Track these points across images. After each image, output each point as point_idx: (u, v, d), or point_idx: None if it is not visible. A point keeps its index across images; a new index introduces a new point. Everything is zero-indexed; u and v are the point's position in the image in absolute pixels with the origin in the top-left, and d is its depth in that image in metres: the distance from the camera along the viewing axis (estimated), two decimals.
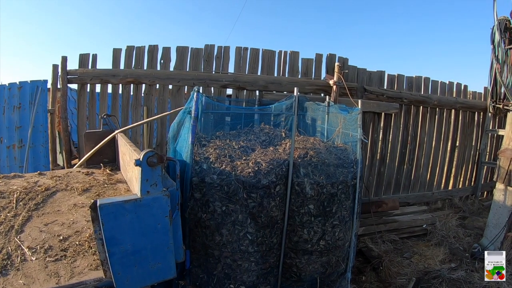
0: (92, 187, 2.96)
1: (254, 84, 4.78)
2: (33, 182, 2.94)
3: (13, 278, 1.65)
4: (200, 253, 2.78)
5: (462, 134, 6.35)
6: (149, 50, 4.59)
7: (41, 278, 1.67)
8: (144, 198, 1.66)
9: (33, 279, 1.66)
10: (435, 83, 5.91)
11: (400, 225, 4.86)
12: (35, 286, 1.61)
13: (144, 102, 4.68)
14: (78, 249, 1.95)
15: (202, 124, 3.95)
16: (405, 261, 4.03)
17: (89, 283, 1.68)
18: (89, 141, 3.65)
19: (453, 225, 4.77)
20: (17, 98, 4.39)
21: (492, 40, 5.03)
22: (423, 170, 5.96)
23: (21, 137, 4.42)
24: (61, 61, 4.33)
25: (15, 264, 1.75)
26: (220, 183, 2.66)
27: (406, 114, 5.66)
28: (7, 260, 1.77)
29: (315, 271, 2.98)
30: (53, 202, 2.59)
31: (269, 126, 3.89)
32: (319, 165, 2.95)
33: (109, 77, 4.48)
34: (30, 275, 1.69)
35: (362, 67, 5.26)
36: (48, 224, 2.22)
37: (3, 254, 1.82)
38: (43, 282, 1.64)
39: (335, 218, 2.98)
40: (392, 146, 5.65)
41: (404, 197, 5.74)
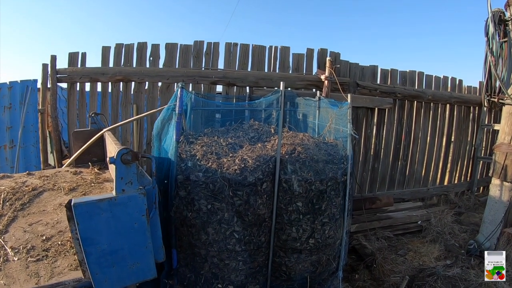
0: (79, 187, 2.93)
1: (244, 80, 4.74)
2: (21, 182, 2.92)
3: None
4: (187, 252, 2.75)
5: (458, 129, 6.30)
6: (138, 47, 4.55)
7: (21, 279, 1.66)
8: (119, 197, 1.62)
9: (13, 279, 1.65)
10: (430, 78, 5.86)
11: (394, 222, 4.83)
12: (15, 286, 1.60)
13: (134, 100, 4.63)
14: (60, 249, 1.94)
15: (192, 121, 3.93)
16: (399, 258, 4.00)
17: (68, 283, 1.66)
18: (78, 140, 3.62)
19: (449, 221, 4.73)
20: (8, 98, 4.35)
21: (486, 32, 4.96)
22: (418, 166, 5.93)
23: (12, 138, 4.39)
24: (50, 60, 4.28)
25: None
26: (205, 180, 2.63)
27: (400, 109, 5.61)
28: None
29: (305, 270, 2.95)
30: (39, 202, 2.57)
31: (259, 123, 3.85)
32: (307, 162, 2.92)
33: (98, 76, 4.44)
34: (11, 275, 1.69)
35: (355, 62, 5.22)
36: (33, 224, 2.21)
37: None
38: (23, 282, 1.64)
39: (325, 216, 2.94)
40: (386, 142, 5.61)
41: (399, 193, 5.71)
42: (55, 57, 4.30)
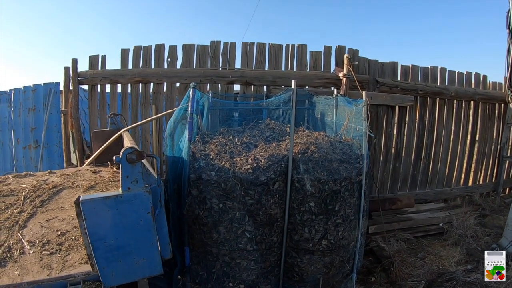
0: (97, 185, 3.02)
1: (262, 79, 4.71)
2: (42, 181, 3.05)
3: (10, 269, 1.76)
4: (199, 250, 2.78)
5: (482, 127, 5.98)
6: (156, 49, 4.63)
7: (34, 270, 1.77)
8: (125, 195, 1.67)
9: (27, 271, 1.76)
10: (452, 74, 5.60)
11: (414, 224, 4.66)
12: (28, 277, 1.71)
13: (152, 100, 4.72)
14: (73, 243, 2.03)
15: (210, 121, 3.97)
16: (418, 261, 3.84)
17: (77, 276, 1.75)
18: (97, 140, 3.74)
19: (472, 223, 4.50)
20: (32, 101, 4.58)
21: (508, 24, 4.70)
22: (441, 165, 5.68)
23: (36, 138, 4.61)
24: (72, 63, 4.45)
25: (13, 256, 1.87)
26: (217, 180, 2.64)
27: (422, 106, 5.40)
28: (7, 253, 1.89)
29: (317, 271, 2.90)
30: (58, 199, 2.68)
31: (275, 122, 3.83)
32: (321, 161, 2.87)
33: (118, 77, 4.56)
34: (26, 267, 1.79)
35: (374, 58, 5.07)
36: (50, 219, 2.32)
37: (5, 247, 1.94)
38: (36, 273, 1.74)
39: (338, 217, 2.88)
40: (407, 141, 5.42)
41: (421, 194, 5.50)
42: (76, 60, 4.47)
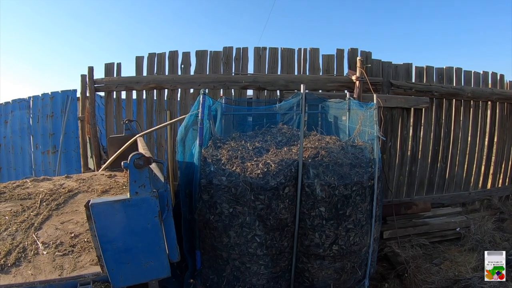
0: (111, 189, 3.10)
1: (274, 84, 4.72)
2: (59, 185, 3.16)
3: (23, 268, 1.85)
4: (210, 254, 2.80)
5: (501, 128, 5.78)
6: (170, 56, 4.72)
7: (47, 270, 1.85)
8: (133, 199, 1.72)
9: (40, 271, 1.84)
10: (468, 74, 5.44)
11: (430, 228, 4.54)
12: (40, 277, 1.79)
13: (167, 106, 4.81)
14: (85, 245, 2.11)
15: (224, 126, 4.00)
16: (433, 268, 3.72)
17: (87, 276, 1.82)
18: (113, 145, 3.85)
19: (489, 228, 4.34)
20: (50, 107, 4.75)
21: None
22: (458, 169, 5.52)
23: (54, 143, 4.78)
24: (88, 71, 4.60)
25: (28, 257, 1.96)
26: (227, 184, 2.66)
27: (438, 108, 5.28)
28: (22, 253, 1.98)
29: (328, 277, 2.87)
30: (73, 203, 2.77)
31: (287, 126, 3.83)
32: (331, 165, 2.85)
33: (133, 84, 4.67)
34: (39, 267, 1.88)
35: (387, 60, 5.01)
36: (64, 222, 2.40)
37: (20, 248, 2.03)
38: (48, 273, 1.82)
39: (349, 222, 2.85)
40: (423, 143, 5.29)
41: (438, 198, 5.35)
42: (92, 68, 4.61)
